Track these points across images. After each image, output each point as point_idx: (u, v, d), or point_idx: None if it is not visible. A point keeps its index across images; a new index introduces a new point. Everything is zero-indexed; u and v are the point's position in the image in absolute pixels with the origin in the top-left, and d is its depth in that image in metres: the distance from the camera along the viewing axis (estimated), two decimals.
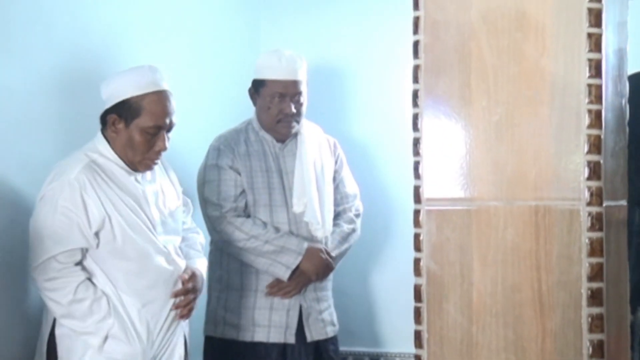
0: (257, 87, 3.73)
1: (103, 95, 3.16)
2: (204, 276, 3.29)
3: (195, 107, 3.54)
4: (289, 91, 3.69)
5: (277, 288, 3.68)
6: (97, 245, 2.99)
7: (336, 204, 3.87)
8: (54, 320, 3.03)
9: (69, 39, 3.53)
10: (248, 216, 3.72)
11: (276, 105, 3.69)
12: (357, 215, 3.94)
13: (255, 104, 3.78)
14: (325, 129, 3.95)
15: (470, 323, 1.83)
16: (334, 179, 3.89)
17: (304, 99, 3.74)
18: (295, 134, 3.78)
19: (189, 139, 3.55)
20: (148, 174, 3.16)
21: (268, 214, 3.71)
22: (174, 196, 3.27)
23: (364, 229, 3.94)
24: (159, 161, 3.15)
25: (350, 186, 3.94)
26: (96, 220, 2.95)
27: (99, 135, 3.12)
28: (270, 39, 4.35)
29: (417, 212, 1.90)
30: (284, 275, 3.64)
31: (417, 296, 1.90)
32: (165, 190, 3.22)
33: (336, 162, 3.91)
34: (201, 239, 3.45)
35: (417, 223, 1.90)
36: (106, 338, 2.97)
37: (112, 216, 2.98)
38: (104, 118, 3.12)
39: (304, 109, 3.76)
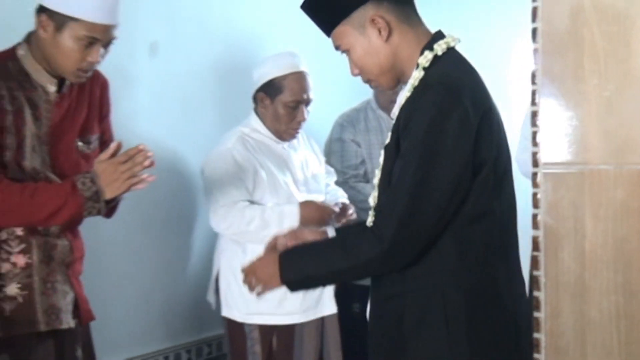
0: None
1: (254, 77, 3.20)
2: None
3: (322, 88, 3.52)
4: None
5: None
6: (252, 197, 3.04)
7: None
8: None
9: (222, 33, 3.57)
10: (367, 182, 3.71)
11: None
12: None
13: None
14: None
15: (583, 269, 1.77)
16: None
17: None
18: None
19: (317, 116, 3.54)
20: (294, 143, 3.21)
21: None
22: (316, 163, 3.30)
23: None
24: (300, 131, 3.19)
25: None
26: (249, 178, 3.00)
27: (252, 113, 3.18)
28: None
29: (534, 175, 1.84)
30: None
31: (535, 246, 1.84)
32: (309, 158, 3.25)
33: None
34: (342, 193, 3.46)
35: (534, 184, 1.85)
36: None
37: (260, 174, 3.03)
38: (255, 97, 3.18)
39: None
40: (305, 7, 2.10)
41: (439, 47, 2.05)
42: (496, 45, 4.13)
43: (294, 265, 2.02)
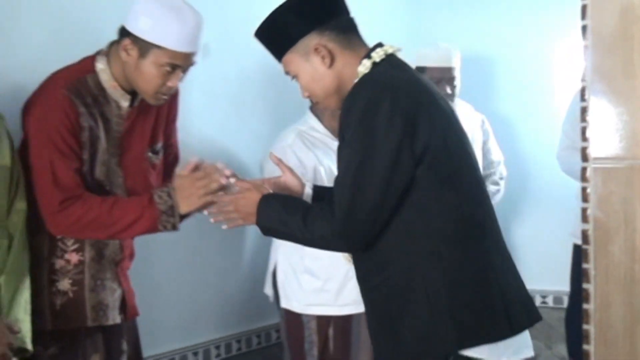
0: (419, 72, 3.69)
1: None
2: None
3: None
4: (445, 76, 3.65)
5: None
6: None
7: (484, 168, 3.79)
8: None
9: None
10: None
11: (435, 86, 3.64)
12: (502, 178, 3.87)
13: None
14: (475, 107, 3.89)
15: (633, 262, 1.75)
16: (482, 148, 3.82)
17: (457, 82, 3.69)
18: None
19: None
20: None
21: None
22: None
23: (507, 189, 3.88)
24: None
25: (496, 154, 3.88)
26: (309, 172, 3.02)
27: (308, 111, 3.20)
28: (430, 33, 4.29)
29: (584, 169, 1.83)
30: None
31: (585, 240, 1.83)
32: None
33: (484, 134, 3.86)
34: None
35: (584, 178, 1.83)
36: None
37: (319, 168, 3.04)
38: None
39: (457, 90, 3.71)
40: (257, 35, 2.18)
41: (377, 55, 2.09)
42: (540, 46, 4.10)
43: (267, 214, 2.10)
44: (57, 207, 2.34)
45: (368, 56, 2.08)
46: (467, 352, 1.98)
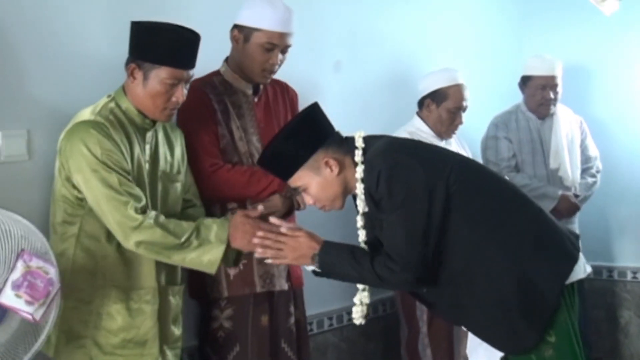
0: (525, 81, 3.72)
1: (420, 87, 3.28)
2: None
3: (478, 95, 3.53)
4: (549, 83, 3.65)
5: None
6: None
7: (582, 163, 3.77)
8: None
9: (393, 52, 3.65)
10: (518, 171, 3.67)
11: (540, 93, 3.65)
12: (598, 171, 3.81)
13: (523, 92, 3.75)
14: (575, 110, 3.84)
15: None
16: (580, 145, 3.77)
17: (560, 88, 3.68)
18: (552, 114, 3.71)
19: (474, 118, 3.53)
20: (452, 142, 3.26)
21: (532, 170, 3.67)
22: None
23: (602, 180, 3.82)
24: (457, 131, 3.23)
25: (593, 150, 3.83)
26: None
27: (415, 116, 3.25)
28: (532, 43, 4.24)
29: None
30: None
31: None
32: (460, 153, 3.27)
33: (582, 134, 3.82)
34: None
35: None
36: None
37: None
38: (422, 102, 3.24)
39: (559, 95, 3.69)
40: (263, 164, 2.17)
41: (358, 143, 2.08)
42: (632, 55, 3.97)
43: (329, 263, 2.10)
44: (208, 170, 2.46)
45: (353, 148, 2.09)
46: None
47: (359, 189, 2.08)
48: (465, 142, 3.46)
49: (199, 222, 2.21)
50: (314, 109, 2.15)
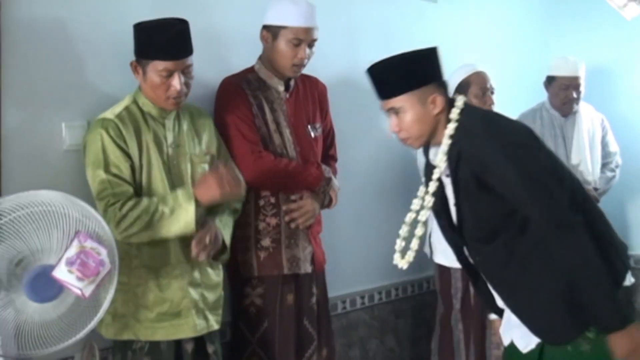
0: (550, 81, 3.72)
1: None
2: None
3: (505, 93, 3.51)
4: (572, 83, 3.64)
5: None
6: None
7: (602, 158, 3.75)
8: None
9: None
10: None
11: (563, 93, 3.65)
12: (617, 166, 3.80)
13: (548, 91, 3.75)
14: (597, 108, 3.82)
15: None
16: (601, 141, 3.76)
17: (582, 88, 3.67)
18: (575, 112, 3.68)
19: None
20: None
21: None
22: None
23: (622, 175, 3.80)
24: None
25: (613, 146, 3.82)
26: None
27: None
28: (557, 46, 4.20)
29: None
30: None
31: None
32: None
33: (603, 130, 3.80)
34: None
35: None
36: None
37: None
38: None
39: (582, 95, 3.68)
40: (374, 71, 2.02)
41: (459, 103, 2.01)
42: None
43: None
44: (250, 156, 2.50)
45: (451, 105, 2.03)
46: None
47: (444, 144, 2.00)
48: None
49: (165, 193, 2.24)
50: (438, 51, 2.08)
